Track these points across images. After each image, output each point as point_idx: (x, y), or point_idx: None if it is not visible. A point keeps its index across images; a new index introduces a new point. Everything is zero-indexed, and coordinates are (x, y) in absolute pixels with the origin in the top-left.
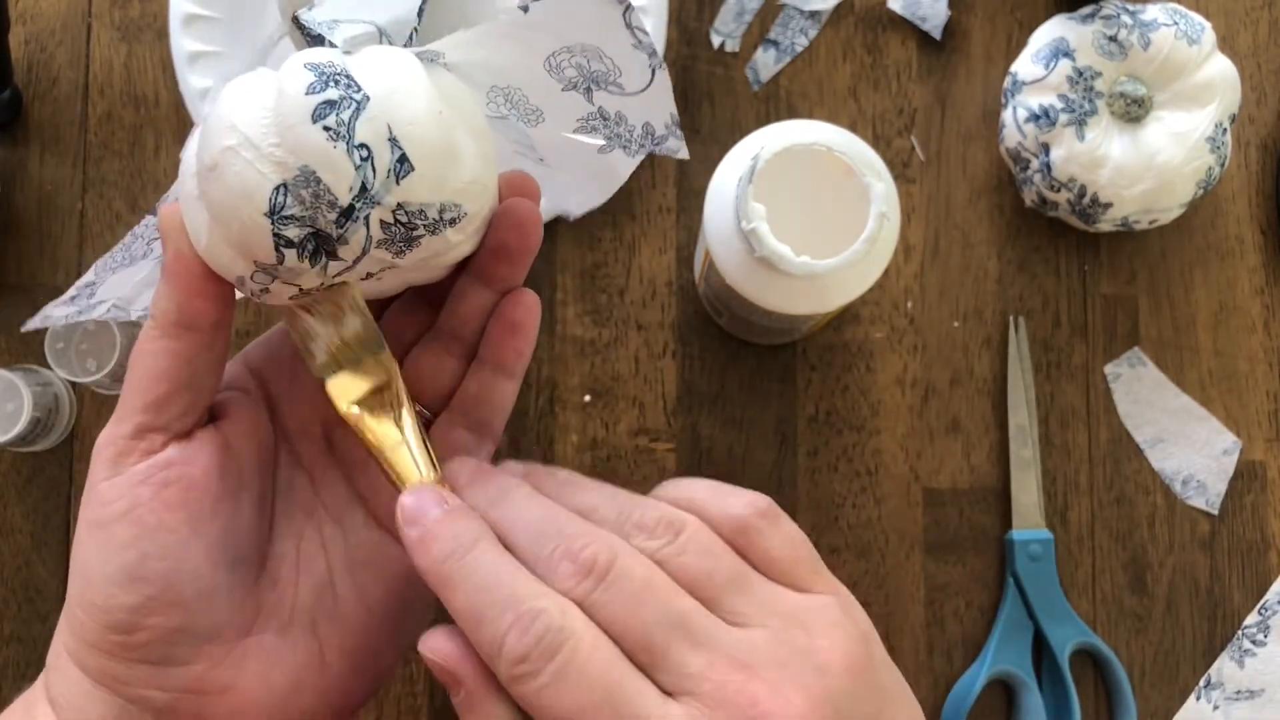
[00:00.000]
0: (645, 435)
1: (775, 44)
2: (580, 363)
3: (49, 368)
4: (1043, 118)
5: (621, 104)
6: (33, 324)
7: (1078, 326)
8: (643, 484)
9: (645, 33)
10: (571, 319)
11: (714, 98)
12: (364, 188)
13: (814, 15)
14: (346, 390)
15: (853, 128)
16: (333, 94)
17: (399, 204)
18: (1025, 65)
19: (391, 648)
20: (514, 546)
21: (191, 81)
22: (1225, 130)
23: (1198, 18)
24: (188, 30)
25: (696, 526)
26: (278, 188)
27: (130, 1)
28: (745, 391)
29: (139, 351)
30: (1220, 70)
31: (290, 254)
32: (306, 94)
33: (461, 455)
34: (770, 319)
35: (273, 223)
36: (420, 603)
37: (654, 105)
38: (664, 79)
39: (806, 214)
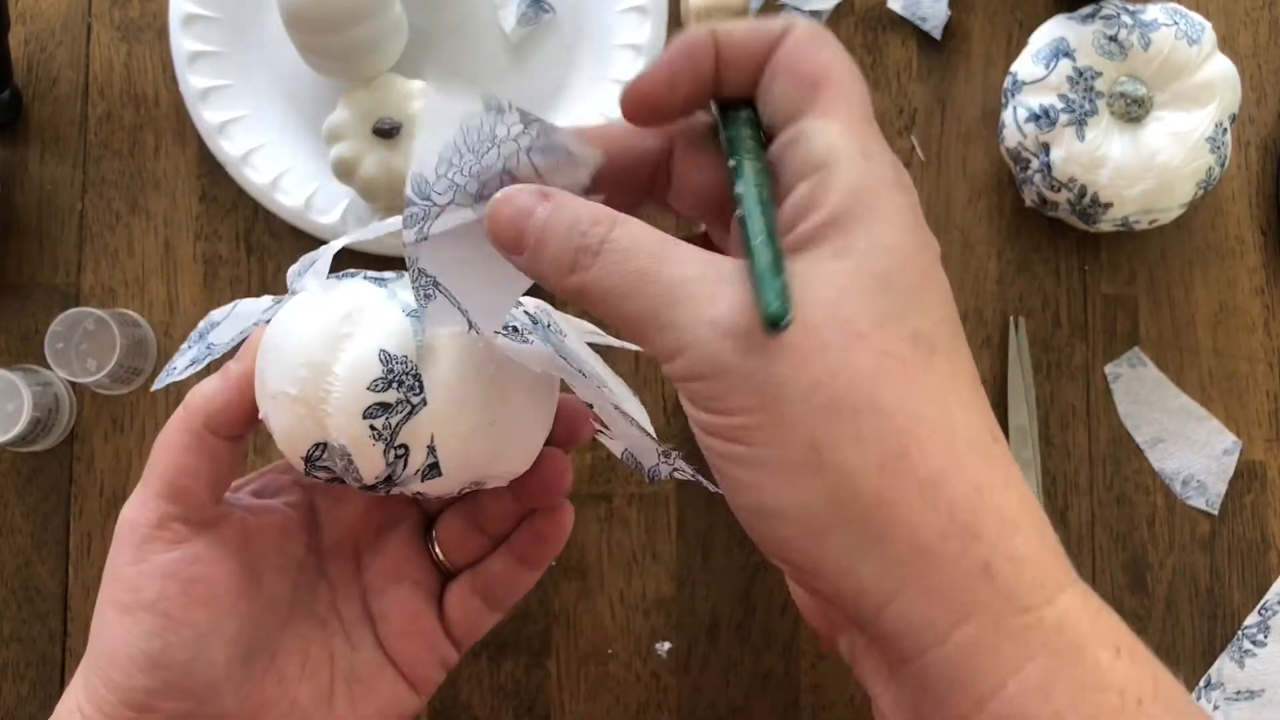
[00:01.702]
0: None
1: None
2: None
3: (49, 368)
4: (1043, 118)
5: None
6: (159, 384)
7: (1078, 326)
8: (641, 485)
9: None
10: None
11: None
12: (390, 478)
13: (814, 15)
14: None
15: None
16: (391, 397)
17: (420, 491)
18: (1025, 65)
19: None
20: None
21: (191, 81)
22: (1225, 130)
23: (1198, 18)
24: (188, 30)
25: None
26: (318, 444)
27: (130, 1)
28: None
29: (166, 440)
30: (1220, 70)
31: (317, 478)
32: (369, 389)
33: (473, 594)
34: None
35: (306, 463)
36: (399, 718)
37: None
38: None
39: None
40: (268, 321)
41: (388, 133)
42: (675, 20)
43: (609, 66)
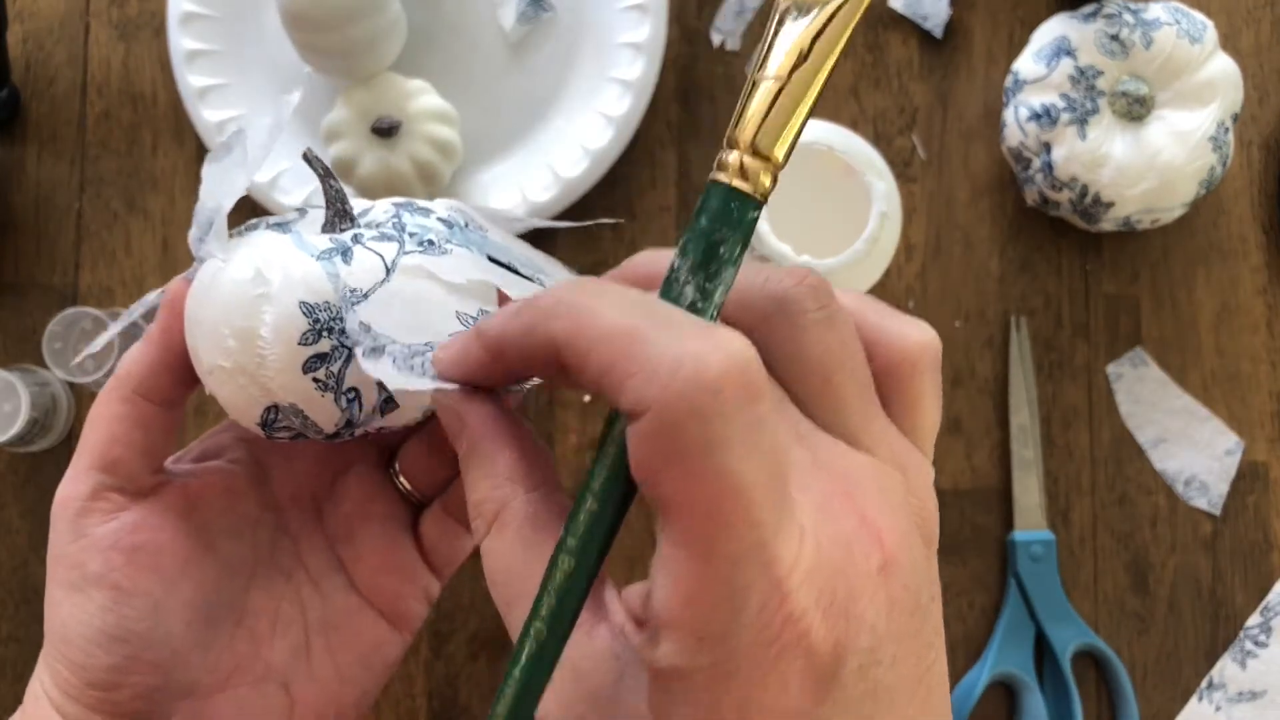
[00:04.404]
0: None
1: None
2: None
3: (46, 368)
4: (1044, 116)
5: None
6: (88, 350)
7: (1079, 326)
8: None
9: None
10: None
11: (714, 96)
12: (349, 422)
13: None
14: None
15: (854, 127)
16: (325, 345)
17: (382, 426)
18: (1027, 64)
19: (356, 706)
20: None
21: (189, 80)
22: (1227, 129)
23: (1200, 16)
24: (185, 28)
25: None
26: (269, 408)
27: (128, 0)
28: None
29: (96, 412)
30: (1222, 69)
31: (281, 439)
32: (300, 345)
33: (447, 517)
34: None
35: (264, 428)
36: (384, 661)
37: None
38: None
39: (807, 213)
40: (185, 280)
41: (386, 131)
42: (675, 18)
43: (609, 65)
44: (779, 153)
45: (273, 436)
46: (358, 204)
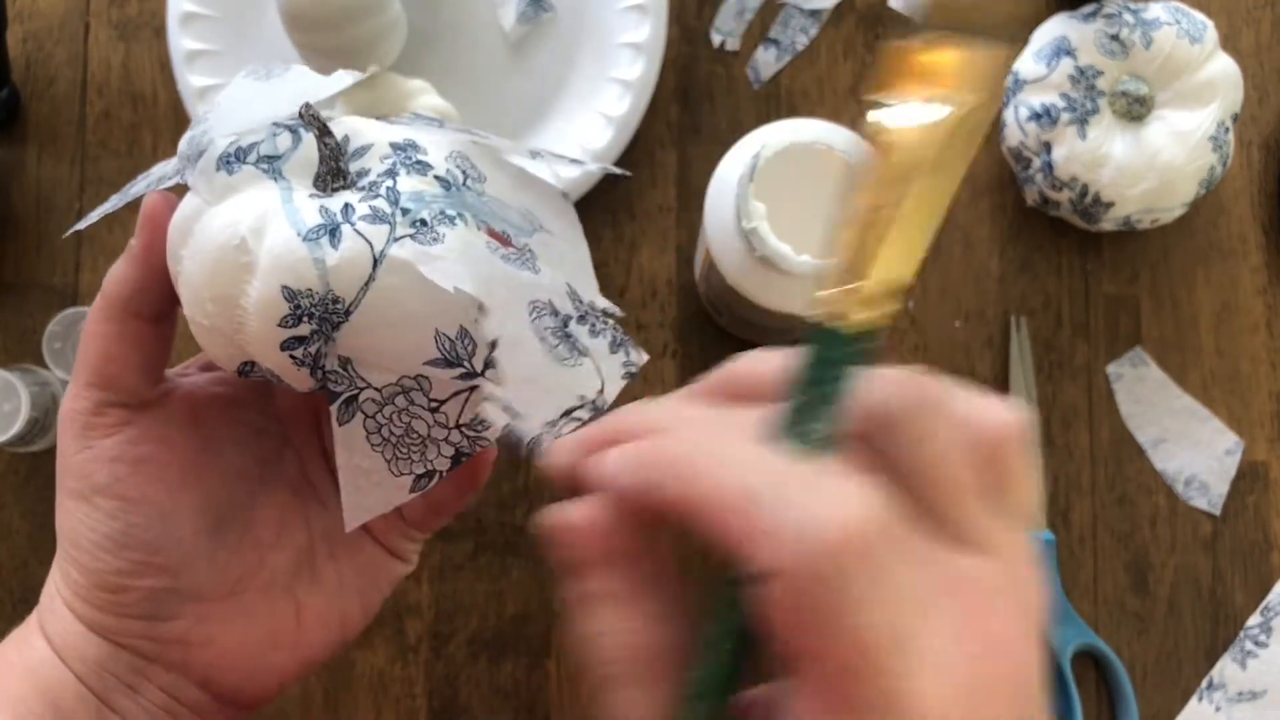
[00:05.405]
0: None
1: (776, 43)
2: None
3: (46, 367)
4: (1044, 116)
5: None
6: (83, 224)
7: (1079, 326)
8: None
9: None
10: None
11: (714, 97)
12: (324, 387)
13: (814, 14)
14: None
15: (854, 126)
16: (304, 329)
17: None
18: (1027, 64)
19: (360, 613)
20: None
21: (190, 80)
22: (1227, 129)
23: (1200, 16)
24: (186, 29)
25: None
26: (245, 362)
27: (128, 0)
28: None
29: (89, 330)
30: (1222, 69)
31: (257, 380)
32: (279, 326)
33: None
34: (771, 318)
35: (239, 374)
36: (385, 577)
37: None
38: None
39: (807, 213)
40: (164, 196)
41: None
42: (675, 18)
43: (609, 65)
44: (907, 274)
45: (248, 378)
46: (356, 130)
